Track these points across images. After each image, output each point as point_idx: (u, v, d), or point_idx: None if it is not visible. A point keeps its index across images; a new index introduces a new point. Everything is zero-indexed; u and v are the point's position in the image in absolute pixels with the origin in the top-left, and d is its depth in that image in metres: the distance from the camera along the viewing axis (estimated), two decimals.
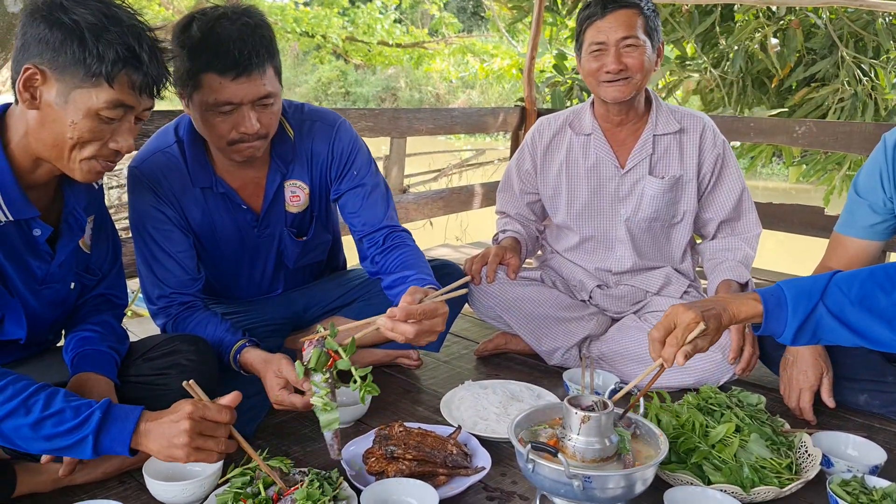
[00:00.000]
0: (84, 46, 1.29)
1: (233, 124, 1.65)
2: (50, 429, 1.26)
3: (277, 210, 1.92)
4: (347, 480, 1.50)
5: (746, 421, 1.62)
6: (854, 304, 1.38)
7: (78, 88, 1.31)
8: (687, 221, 2.28)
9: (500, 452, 1.69)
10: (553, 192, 2.35)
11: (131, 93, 1.35)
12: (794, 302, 1.40)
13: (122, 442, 1.29)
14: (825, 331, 1.40)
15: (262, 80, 1.62)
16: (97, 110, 1.33)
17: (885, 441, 1.76)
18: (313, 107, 1.96)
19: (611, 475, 1.26)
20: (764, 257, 3.85)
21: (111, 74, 1.31)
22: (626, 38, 2.03)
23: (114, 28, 1.31)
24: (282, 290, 2.13)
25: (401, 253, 1.88)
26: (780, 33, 4.82)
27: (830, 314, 1.38)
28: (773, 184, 13.58)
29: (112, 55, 1.30)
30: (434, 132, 3.77)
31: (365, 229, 1.94)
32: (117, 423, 1.30)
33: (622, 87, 2.08)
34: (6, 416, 1.25)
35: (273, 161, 1.85)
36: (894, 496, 1.43)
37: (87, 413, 1.28)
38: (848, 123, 3.37)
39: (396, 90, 20.25)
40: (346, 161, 1.93)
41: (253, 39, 1.59)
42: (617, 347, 2.17)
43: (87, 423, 1.27)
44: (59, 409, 1.27)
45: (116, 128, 1.38)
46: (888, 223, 1.98)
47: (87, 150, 1.37)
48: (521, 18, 5.95)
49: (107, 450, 1.29)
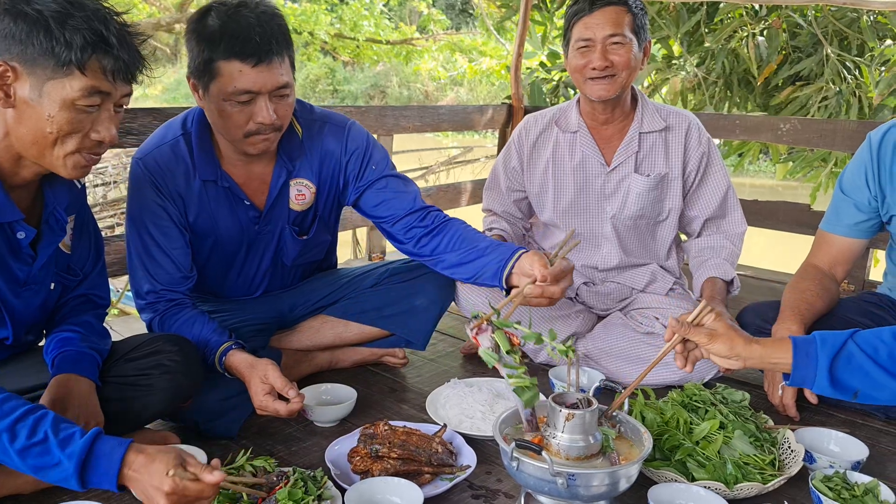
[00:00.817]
0: (50, 35, 1.27)
1: (249, 115, 1.66)
2: (35, 458, 1.20)
3: (281, 207, 1.91)
4: (332, 480, 1.50)
5: (730, 418, 1.62)
6: (887, 344, 1.38)
7: (50, 80, 1.29)
8: (672, 219, 2.29)
9: (486, 450, 1.69)
10: (539, 190, 2.35)
11: (105, 78, 1.33)
12: (822, 338, 1.41)
13: (108, 481, 1.22)
14: (857, 373, 1.38)
15: (280, 69, 1.64)
16: (73, 100, 1.31)
17: (868, 437, 1.78)
18: (322, 109, 1.97)
19: (595, 473, 1.26)
20: (753, 255, 3.87)
21: (81, 61, 1.29)
22: (613, 35, 2.03)
23: (78, 13, 1.29)
24: (272, 289, 2.12)
25: (455, 230, 1.90)
26: (765, 32, 4.84)
27: (862, 351, 1.38)
28: (761, 181, 13.66)
29: (80, 41, 1.28)
30: (421, 129, 3.76)
31: (396, 217, 1.94)
32: (102, 461, 1.21)
33: (607, 85, 2.08)
34: None
35: (280, 158, 1.85)
36: (876, 491, 1.44)
37: (70, 449, 1.20)
38: (832, 121, 3.39)
39: (385, 87, 20.19)
40: (364, 158, 1.94)
41: (272, 27, 1.62)
42: (603, 345, 2.18)
43: (70, 460, 1.20)
44: (43, 438, 1.20)
45: (96, 117, 1.36)
46: (872, 221, 1.99)
47: (70, 143, 1.35)
48: (510, 17, 5.94)
49: (96, 485, 1.23)
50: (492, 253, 1.81)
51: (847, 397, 1.41)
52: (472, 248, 1.84)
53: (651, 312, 2.20)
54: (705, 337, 1.44)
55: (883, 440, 1.83)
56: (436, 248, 1.90)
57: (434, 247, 1.90)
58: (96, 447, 1.21)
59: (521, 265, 1.73)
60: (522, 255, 1.74)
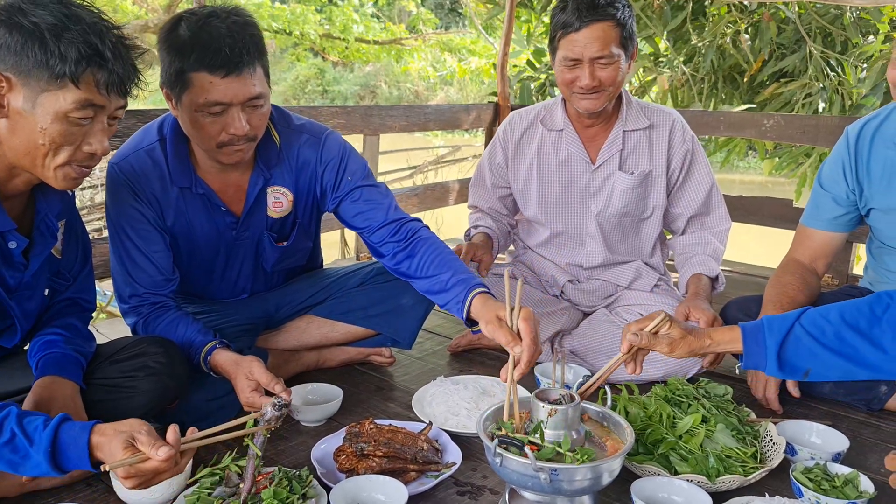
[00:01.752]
0: (45, 48, 1.27)
1: (222, 125, 1.63)
2: (9, 456, 1.22)
3: (258, 214, 1.91)
4: (318, 478, 1.50)
5: (713, 412, 1.64)
6: (833, 324, 1.41)
7: (44, 92, 1.29)
8: (657, 216, 2.30)
9: (472, 447, 1.70)
10: (524, 186, 2.36)
11: (99, 92, 1.32)
12: (769, 324, 1.45)
13: (83, 465, 1.23)
14: (805, 355, 1.42)
15: (251, 80, 1.61)
16: (66, 112, 1.30)
17: (849, 428, 1.80)
18: (300, 117, 1.96)
19: (577, 468, 1.27)
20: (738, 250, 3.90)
21: (76, 74, 1.28)
22: (601, 57, 2.01)
23: (74, 27, 1.28)
24: (256, 291, 2.12)
25: (426, 250, 1.84)
26: (751, 28, 4.87)
27: (808, 334, 1.42)
28: (750, 177, 13.73)
29: (74, 54, 1.28)
30: (407, 129, 3.77)
31: (372, 229, 1.92)
32: (71, 449, 1.23)
33: (595, 101, 2.09)
34: None
35: (257, 165, 1.84)
36: (856, 482, 1.46)
37: (38, 443, 1.22)
38: (814, 117, 3.42)
39: (375, 88, 20.17)
40: (339, 168, 1.93)
41: (243, 37, 1.59)
42: (588, 342, 2.19)
43: (40, 453, 1.21)
44: (10, 436, 1.22)
45: (88, 130, 1.35)
46: (851, 215, 2.02)
47: (61, 155, 1.34)
48: (496, 14, 5.96)
49: (73, 468, 1.25)
50: (453, 289, 1.75)
51: (798, 377, 1.47)
52: (437, 280, 1.80)
53: (636, 309, 2.21)
54: (666, 347, 1.51)
55: (864, 432, 1.85)
56: (408, 271, 1.88)
57: (406, 269, 1.88)
58: (61, 436, 1.23)
59: (479, 315, 1.64)
60: (475, 298, 1.66)
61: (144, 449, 1.22)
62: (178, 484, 1.45)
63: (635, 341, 1.51)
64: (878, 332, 1.39)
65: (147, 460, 1.22)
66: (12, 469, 1.23)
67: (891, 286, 1.97)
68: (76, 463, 1.24)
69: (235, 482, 1.43)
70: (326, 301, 2.12)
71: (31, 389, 1.48)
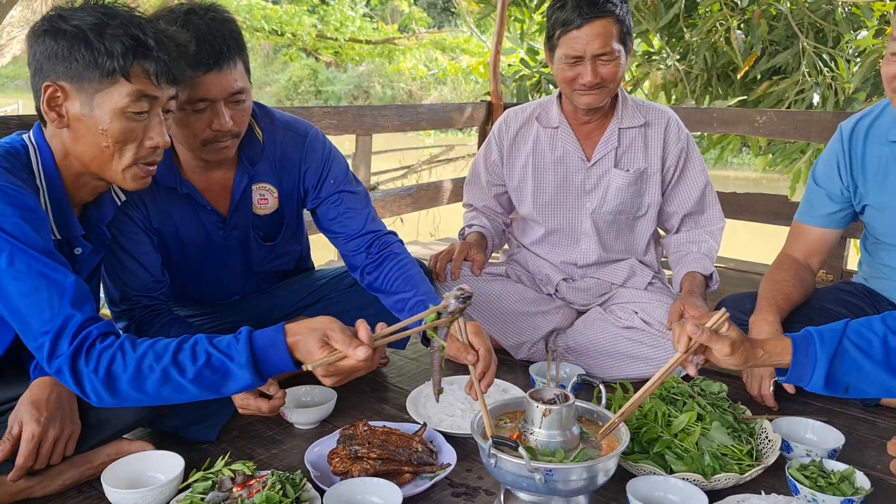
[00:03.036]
0: (91, 47, 1.31)
1: (206, 122, 1.64)
2: (210, 378, 1.25)
3: (244, 212, 1.89)
4: (311, 481, 1.49)
5: (708, 409, 1.63)
6: (879, 335, 1.37)
7: (98, 92, 1.33)
8: (651, 214, 2.30)
9: (466, 448, 1.69)
10: (519, 184, 2.35)
11: (150, 82, 1.36)
12: (820, 337, 1.39)
13: (284, 362, 1.27)
14: (850, 369, 1.37)
15: (233, 75, 1.62)
16: (123, 108, 1.34)
17: (845, 425, 1.79)
18: (283, 114, 1.95)
19: (572, 467, 1.26)
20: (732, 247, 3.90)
21: (125, 67, 1.32)
22: (603, 53, 2.01)
23: (114, 22, 1.32)
24: (247, 293, 2.10)
25: (392, 266, 1.87)
26: (743, 24, 4.87)
27: (856, 346, 1.37)
28: (744, 174, 13.76)
29: (120, 48, 1.32)
30: (400, 129, 3.76)
31: (348, 236, 1.93)
32: (271, 351, 1.27)
33: (596, 97, 2.09)
34: (162, 382, 1.24)
35: (241, 163, 1.83)
36: (851, 479, 1.46)
37: (235, 352, 1.26)
38: (807, 112, 3.42)
39: (369, 88, 20.15)
40: (322, 171, 1.93)
41: (222, 33, 1.60)
42: (583, 340, 2.18)
43: (239, 362, 1.25)
44: (206, 357, 1.25)
45: (147, 123, 1.39)
46: (845, 212, 2.01)
47: (127, 155, 1.39)
48: (489, 13, 5.95)
49: (276, 371, 1.28)
50: (413, 309, 1.77)
51: (838, 393, 1.40)
52: (399, 298, 1.83)
53: (630, 307, 2.21)
54: (728, 347, 1.35)
55: (860, 428, 1.85)
56: (374, 285, 1.91)
57: (372, 283, 1.91)
58: (257, 343, 1.27)
59: None
60: None
61: (341, 347, 1.25)
62: (170, 489, 1.44)
63: (696, 334, 1.34)
64: None
65: (344, 358, 1.25)
66: (215, 392, 1.26)
67: (886, 282, 1.98)
68: (279, 366, 1.27)
69: (228, 487, 1.42)
70: (320, 302, 2.11)
71: (26, 390, 1.46)
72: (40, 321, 1.26)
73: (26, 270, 1.27)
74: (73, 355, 1.24)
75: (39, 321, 1.26)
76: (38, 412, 1.40)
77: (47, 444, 1.41)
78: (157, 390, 1.26)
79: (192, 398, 1.28)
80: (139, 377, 1.25)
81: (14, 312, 1.28)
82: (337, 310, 2.09)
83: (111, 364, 1.25)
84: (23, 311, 1.26)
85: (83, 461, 1.52)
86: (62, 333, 1.25)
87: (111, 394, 1.26)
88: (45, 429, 1.40)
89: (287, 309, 2.12)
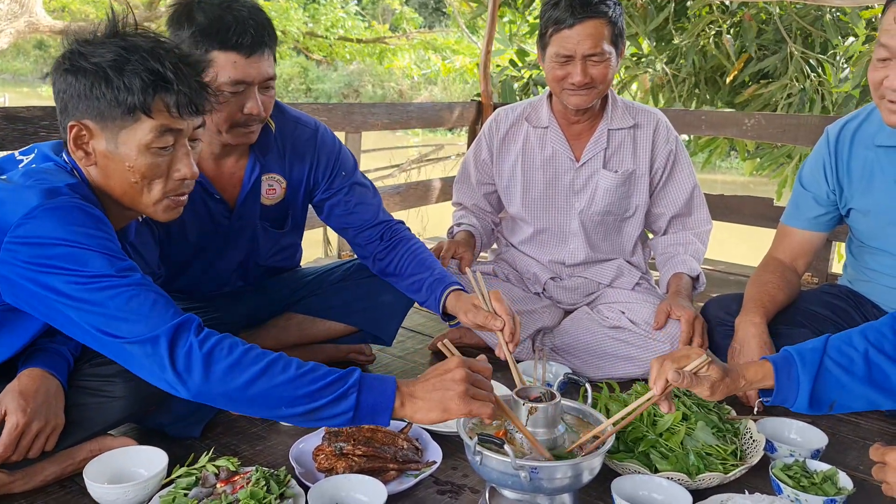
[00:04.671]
0: (111, 84, 1.30)
1: (240, 105, 1.67)
2: (308, 385, 1.24)
3: (252, 202, 1.90)
4: (296, 478, 1.48)
5: (693, 409, 1.64)
6: (860, 351, 1.38)
7: (122, 129, 1.33)
8: (639, 215, 2.31)
9: (452, 446, 1.69)
10: (508, 183, 2.35)
11: (171, 115, 1.35)
12: (801, 358, 1.39)
13: (384, 402, 1.27)
14: (834, 387, 1.37)
15: (269, 61, 1.68)
16: (147, 144, 1.33)
17: (828, 425, 1.81)
18: (291, 108, 1.98)
19: (557, 466, 1.26)
20: (719, 249, 3.92)
21: (145, 104, 1.31)
22: (594, 54, 2.02)
23: (133, 57, 1.31)
24: (238, 287, 2.09)
25: (405, 249, 1.93)
26: (733, 28, 4.90)
27: (837, 364, 1.37)
28: (732, 177, 13.84)
29: (139, 84, 1.30)
30: (389, 127, 3.75)
31: (360, 226, 1.98)
32: (377, 382, 1.28)
33: (585, 97, 2.09)
34: (260, 375, 1.23)
35: (253, 152, 1.85)
36: (834, 479, 1.47)
37: (346, 371, 1.27)
38: (795, 116, 3.45)
39: (359, 87, 20.11)
40: (334, 164, 1.96)
41: (263, 20, 1.66)
42: (570, 339, 2.19)
43: (348, 379, 1.26)
44: (314, 366, 1.27)
45: (173, 156, 1.38)
46: (831, 214, 2.03)
47: (156, 189, 1.38)
48: (481, 14, 5.95)
49: (367, 411, 1.26)
50: (429, 288, 1.86)
51: (823, 411, 1.41)
52: (415, 279, 1.90)
53: (617, 307, 2.21)
54: (707, 390, 1.36)
55: (843, 429, 1.86)
56: (389, 270, 1.96)
57: (387, 268, 1.96)
58: (365, 378, 1.28)
59: (455, 308, 1.79)
60: (450, 295, 1.81)
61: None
62: (153, 485, 1.43)
63: (677, 380, 1.32)
64: None
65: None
66: (307, 402, 1.25)
67: (870, 284, 1.99)
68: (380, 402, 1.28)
69: (212, 482, 1.41)
70: (307, 298, 2.10)
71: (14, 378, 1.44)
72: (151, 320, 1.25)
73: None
74: (178, 328, 1.24)
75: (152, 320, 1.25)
76: (24, 402, 1.38)
77: (29, 437, 1.40)
78: (249, 384, 1.23)
79: (280, 408, 1.25)
80: (238, 366, 1.23)
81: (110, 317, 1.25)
82: (324, 306, 2.10)
83: (216, 346, 1.24)
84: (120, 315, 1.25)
85: (65, 457, 1.51)
86: (187, 324, 1.26)
87: (204, 376, 1.22)
88: (29, 420, 1.38)
89: (274, 305, 2.11)
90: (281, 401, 1.24)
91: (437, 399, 1.28)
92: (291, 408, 1.25)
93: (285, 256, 2.13)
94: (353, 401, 1.25)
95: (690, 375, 1.33)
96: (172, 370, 1.22)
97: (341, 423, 1.27)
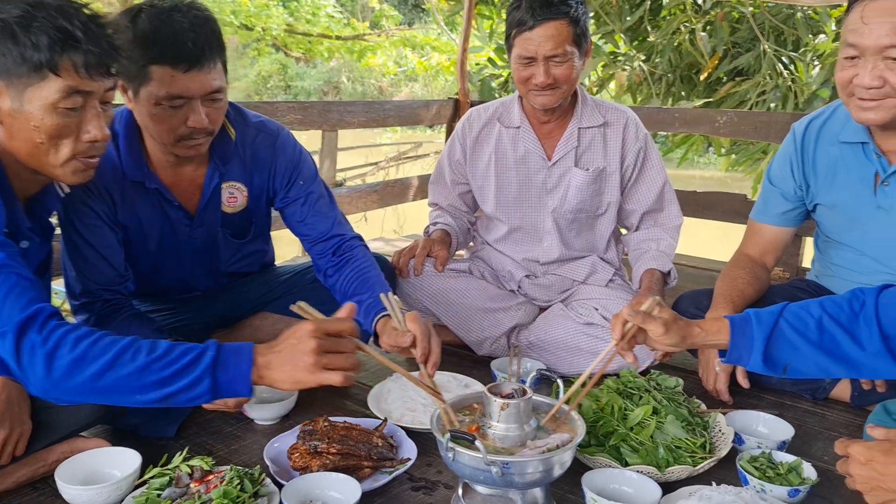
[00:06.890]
0: (17, 41, 1.26)
1: (182, 119, 1.63)
2: (159, 372, 1.19)
3: (213, 210, 1.89)
4: (270, 477, 1.49)
5: (664, 403, 1.67)
6: (815, 317, 1.40)
7: (28, 87, 1.28)
8: (611, 212, 2.33)
9: (427, 443, 1.70)
10: (482, 183, 2.37)
11: (79, 75, 1.30)
12: (757, 317, 1.42)
13: (241, 378, 1.23)
14: (787, 348, 1.41)
15: (212, 74, 1.62)
16: (54, 103, 1.29)
17: (795, 418, 1.85)
18: (255, 114, 1.95)
19: (528, 460, 1.28)
20: (694, 245, 3.96)
21: (52, 61, 1.27)
22: (555, 55, 2.03)
23: (40, 14, 1.27)
24: (208, 290, 2.09)
25: (352, 269, 1.90)
26: (707, 26, 4.96)
27: (791, 326, 1.40)
28: (709, 173, 13.96)
29: (46, 41, 1.26)
30: (366, 125, 3.75)
31: (314, 238, 1.96)
32: (232, 358, 1.23)
33: (550, 97, 2.11)
34: (108, 367, 1.17)
35: (212, 160, 1.83)
36: (799, 469, 1.50)
37: (199, 351, 1.22)
38: (766, 113, 3.50)
39: (338, 84, 20.02)
40: (293, 171, 1.94)
41: (205, 32, 1.60)
42: (544, 336, 2.21)
43: (201, 361, 1.21)
44: (166, 350, 1.21)
45: (82, 117, 1.34)
46: (799, 210, 2.06)
47: (64, 150, 1.34)
48: (459, 11, 5.96)
49: (225, 389, 1.22)
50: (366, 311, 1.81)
51: (777, 373, 1.44)
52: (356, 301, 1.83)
53: (591, 303, 2.24)
54: (661, 327, 1.42)
55: (809, 420, 1.90)
56: (334, 287, 1.94)
57: (333, 285, 1.95)
58: (223, 349, 1.24)
59: (380, 332, 1.76)
60: (379, 321, 1.77)
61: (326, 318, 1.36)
62: (126, 485, 1.43)
63: (631, 316, 1.42)
64: (857, 328, 1.39)
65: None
66: (158, 389, 1.21)
67: (835, 279, 2.03)
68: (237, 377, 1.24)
69: (186, 482, 1.41)
70: (281, 297, 2.10)
71: None
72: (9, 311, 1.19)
73: None
74: (25, 323, 1.18)
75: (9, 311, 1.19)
76: None
77: None
78: (97, 377, 1.18)
79: (133, 396, 1.20)
80: (84, 360, 1.18)
81: None
82: None
83: (61, 341, 1.18)
84: None
85: (36, 459, 1.50)
86: (36, 316, 1.19)
87: (47, 373, 1.17)
88: None
89: (249, 304, 2.11)
90: (133, 389, 1.20)
91: (288, 371, 1.25)
92: (144, 395, 1.21)
93: (251, 262, 2.12)
94: (209, 384, 1.21)
95: (643, 314, 1.42)
96: (18, 367, 1.18)
97: (202, 402, 1.25)
